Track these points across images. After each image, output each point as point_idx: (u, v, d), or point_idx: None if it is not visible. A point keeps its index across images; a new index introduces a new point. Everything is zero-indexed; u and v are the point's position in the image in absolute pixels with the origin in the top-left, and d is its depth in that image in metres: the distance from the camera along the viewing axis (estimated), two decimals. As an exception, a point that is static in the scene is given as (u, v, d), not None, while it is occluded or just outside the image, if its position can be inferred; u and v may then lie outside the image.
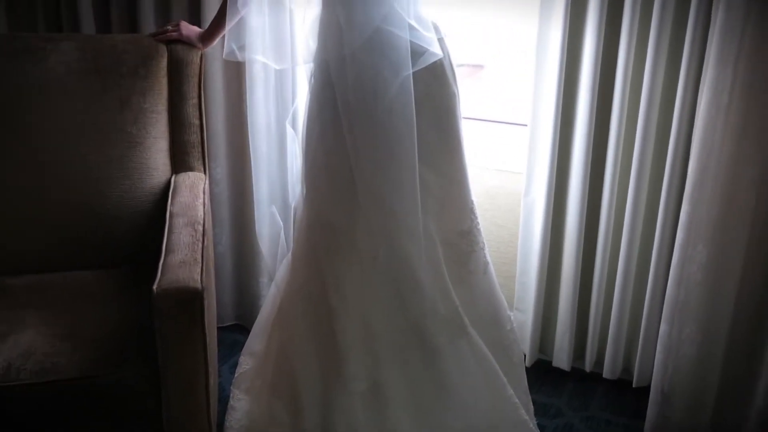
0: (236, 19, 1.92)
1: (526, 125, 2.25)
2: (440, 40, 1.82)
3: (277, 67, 1.99)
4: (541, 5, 2.11)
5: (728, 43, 1.82)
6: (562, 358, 2.38)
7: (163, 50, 2.16)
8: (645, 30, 1.99)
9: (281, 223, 2.08)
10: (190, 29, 2.18)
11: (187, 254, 1.76)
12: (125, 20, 2.44)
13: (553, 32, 2.10)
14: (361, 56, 1.74)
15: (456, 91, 1.89)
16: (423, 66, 1.75)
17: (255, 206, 2.14)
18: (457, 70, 1.89)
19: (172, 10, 2.37)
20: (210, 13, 2.24)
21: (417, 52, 1.74)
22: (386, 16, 1.72)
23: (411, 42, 1.73)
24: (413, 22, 1.74)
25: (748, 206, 1.95)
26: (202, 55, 2.20)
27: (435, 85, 1.83)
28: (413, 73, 1.75)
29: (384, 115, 1.76)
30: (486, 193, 2.46)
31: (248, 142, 2.14)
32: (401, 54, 1.73)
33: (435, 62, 1.80)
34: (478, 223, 2.00)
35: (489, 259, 2.05)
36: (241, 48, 1.93)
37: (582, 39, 2.09)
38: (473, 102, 2.74)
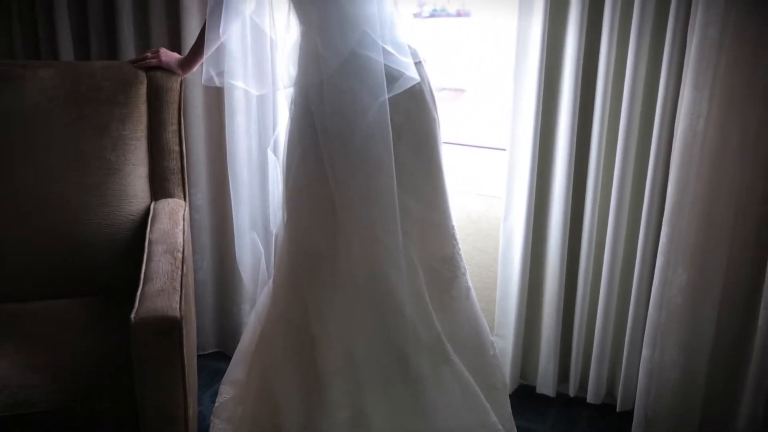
0: (216, 45, 1.92)
1: (505, 150, 2.26)
2: (418, 65, 1.83)
3: (257, 93, 1.99)
4: (517, 33, 2.13)
5: (703, 69, 1.85)
6: (546, 383, 2.37)
7: (143, 77, 2.15)
8: (623, 57, 2.01)
9: (262, 249, 2.06)
10: (169, 56, 2.18)
11: (165, 282, 1.74)
12: (104, 47, 2.43)
13: (530, 58, 2.12)
14: (338, 81, 1.75)
15: (436, 116, 1.90)
16: (399, 91, 1.75)
17: (235, 233, 2.13)
18: (437, 95, 1.90)
19: (152, 37, 2.36)
20: (190, 39, 2.24)
21: (393, 76, 1.74)
22: (360, 40, 1.72)
23: (387, 66, 1.73)
24: (388, 47, 1.74)
25: (727, 229, 1.96)
26: (182, 81, 2.20)
27: (415, 110, 1.84)
28: (393, 98, 1.76)
29: (362, 141, 1.76)
30: (467, 218, 2.47)
31: (227, 168, 2.14)
32: (377, 78, 1.73)
33: (415, 88, 1.81)
34: (459, 248, 2.00)
35: (471, 284, 2.04)
36: (220, 74, 1.93)
37: (561, 64, 2.10)
38: (454, 126, 2.75)
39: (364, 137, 1.75)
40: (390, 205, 1.79)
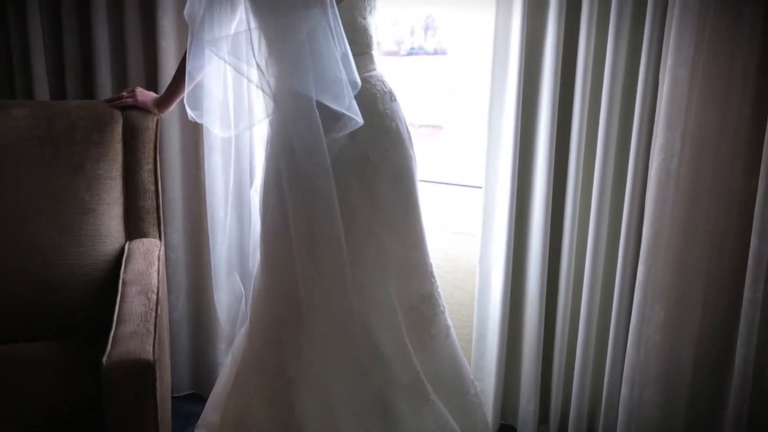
0: (192, 85, 1.92)
1: (481, 187, 2.26)
2: (394, 103, 1.84)
3: (231, 134, 1.97)
4: (493, 71, 2.15)
5: (675, 110, 1.89)
6: (527, 423, 2.34)
7: (118, 116, 2.14)
8: (597, 97, 2.04)
9: (243, 290, 2.04)
10: (145, 95, 2.17)
11: (139, 324, 1.71)
12: (80, 87, 2.42)
13: (507, 96, 2.14)
14: (300, 120, 1.74)
15: (412, 153, 1.90)
16: (341, 133, 1.72)
17: (212, 273, 2.11)
18: (414, 132, 1.91)
19: (129, 76, 2.36)
20: (167, 79, 2.24)
21: (337, 116, 1.71)
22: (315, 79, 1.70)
23: (329, 108, 1.70)
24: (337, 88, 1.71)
25: (703, 267, 1.98)
26: (158, 120, 2.19)
27: (391, 148, 1.84)
28: (370, 136, 1.76)
29: (323, 180, 1.75)
30: (446, 256, 2.46)
31: (206, 207, 2.13)
32: (326, 120, 1.71)
33: (391, 125, 1.81)
34: (438, 286, 2.00)
35: (450, 322, 2.03)
36: (199, 114, 1.93)
37: (537, 102, 2.12)
38: (432, 164, 2.76)
39: (328, 176, 1.74)
40: (336, 250, 1.76)
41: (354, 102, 1.70)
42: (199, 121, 1.93)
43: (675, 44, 1.85)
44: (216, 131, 1.96)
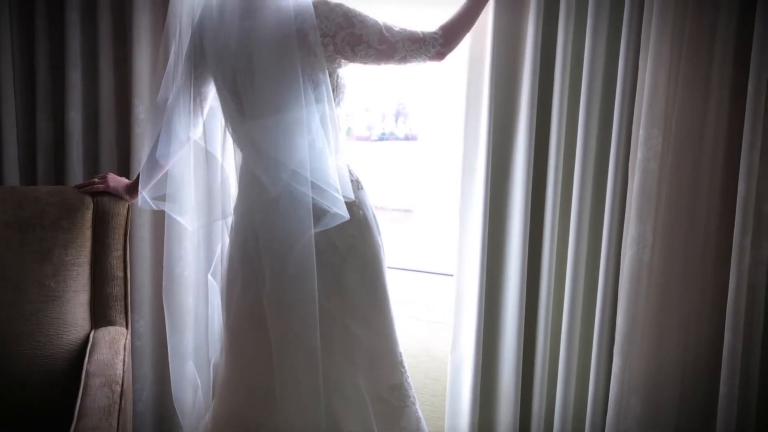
0: (159, 174, 1.92)
1: (452, 275, 2.25)
2: (360, 191, 1.85)
3: (201, 225, 1.96)
4: (464, 155, 2.18)
5: (646, 202, 1.92)
6: None
7: (89, 202, 2.12)
8: (569, 188, 2.07)
9: (199, 381, 1.99)
10: (117, 181, 2.16)
11: (101, 419, 1.65)
12: (51, 172, 2.40)
13: (476, 182, 2.15)
14: (273, 208, 1.74)
15: (380, 241, 1.90)
16: (328, 227, 1.73)
17: (170, 364, 2.05)
18: (385, 216, 1.91)
19: (101, 162, 2.35)
20: (139, 164, 2.23)
21: (323, 211, 1.73)
22: (290, 177, 1.72)
23: (316, 201, 1.72)
24: (319, 183, 1.72)
25: (679, 356, 1.98)
26: (129, 206, 2.17)
27: (359, 236, 1.84)
28: (339, 225, 1.76)
29: (293, 270, 1.73)
30: (419, 345, 2.43)
31: (166, 294, 2.10)
32: (305, 213, 1.72)
33: (359, 213, 1.82)
34: (408, 376, 1.96)
35: (421, 414, 1.99)
36: (158, 198, 1.92)
37: (507, 187, 2.14)
38: (403, 250, 2.76)
39: (295, 267, 1.73)
40: (310, 347, 1.74)
41: (341, 196, 1.72)
42: (154, 207, 1.92)
43: (645, 138, 1.90)
44: (185, 222, 1.94)
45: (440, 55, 1.84)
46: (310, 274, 1.72)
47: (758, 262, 1.88)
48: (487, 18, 2.04)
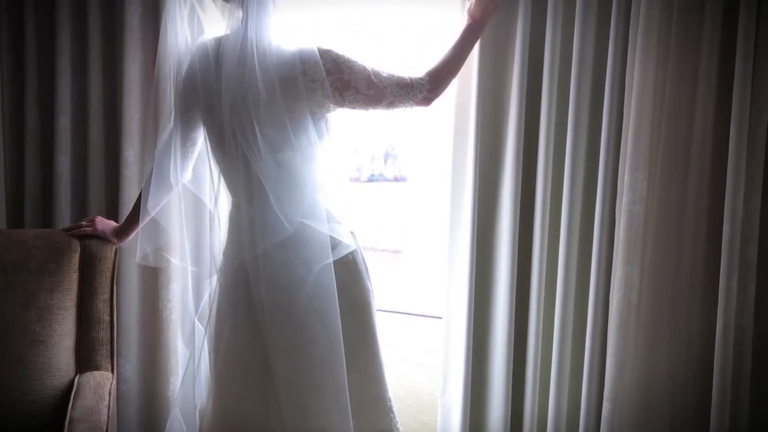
0: (147, 220, 1.92)
1: (441, 318, 2.25)
2: (352, 234, 1.85)
3: (195, 268, 1.96)
4: (451, 197, 2.19)
5: (632, 247, 1.94)
6: None
7: (76, 245, 2.11)
8: (556, 232, 2.08)
9: (184, 428, 1.96)
10: (105, 224, 2.16)
11: (84, 469, 1.62)
12: (39, 216, 2.40)
13: (463, 223, 2.16)
14: (273, 254, 1.75)
15: (369, 285, 1.89)
16: (336, 258, 1.75)
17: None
18: (374, 257, 1.91)
19: (89, 206, 2.35)
20: (128, 208, 2.23)
21: (330, 244, 1.75)
22: (307, 211, 1.74)
23: (322, 235, 1.74)
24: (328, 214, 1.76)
25: (668, 401, 1.97)
26: (117, 249, 2.16)
27: (349, 280, 1.83)
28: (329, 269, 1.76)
29: (300, 312, 1.73)
30: (408, 389, 2.41)
31: (162, 339, 2.08)
32: (315, 249, 1.74)
33: (348, 257, 1.81)
34: (397, 422, 1.94)
35: (411, 460, 1.97)
36: (156, 251, 1.92)
37: (495, 229, 2.15)
38: (392, 291, 2.75)
39: (302, 308, 1.73)
40: (328, 378, 1.74)
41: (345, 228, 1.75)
42: (153, 262, 1.94)
43: (630, 183, 1.92)
44: (176, 260, 1.94)
45: (427, 100, 1.86)
46: (331, 301, 1.73)
47: (745, 305, 1.89)
48: (472, 63, 2.07)
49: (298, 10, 1.84)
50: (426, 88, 1.84)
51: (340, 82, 1.74)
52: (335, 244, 1.77)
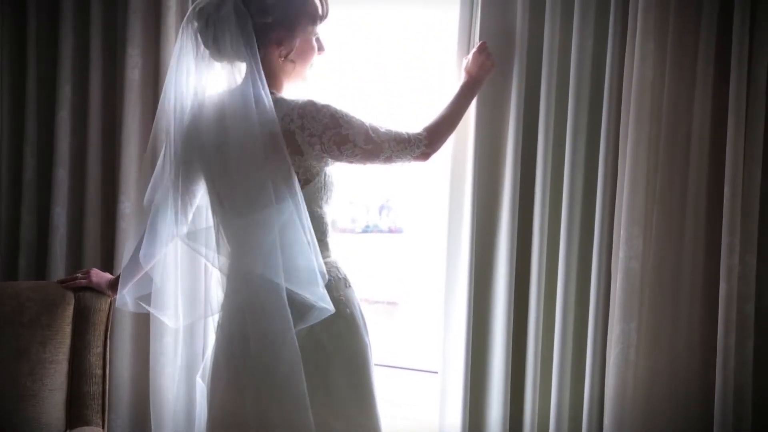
0: (139, 275, 1.91)
1: (437, 372, 2.22)
2: (348, 289, 1.83)
3: (184, 323, 1.94)
4: (448, 248, 2.19)
5: (628, 302, 1.93)
6: None
7: (70, 297, 2.10)
8: (552, 287, 2.08)
9: None
10: (100, 276, 2.15)
11: None
12: (33, 268, 2.39)
13: (460, 276, 2.16)
14: (260, 305, 1.73)
15: (368, 341, 1.87)
16: (313, 322, 1.72)
17: None
18: (369, 309, 1.89)
19: (84, 258, 2.34)
20: (124, 260, 2.21)
21: (307, 306, 1.72)
22: (268, 268, 1.72)
23: (300, 296, 1.71)
24: (302, 278, 1.72)
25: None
26: (111, 302, 2.15)
27: (346, 335, 1.81)
28: (324, 322, 1.74)
29: (285, 368, 1.71)
30: (404, 445, 2.37)
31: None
32: (285, 308, 1.71)
33: (346, 312, 1.80)
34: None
35: None
36: (144, 298, 1.90)
37: (491, 282, 2.14)
38: (388, 345, 2.73)
39: (283, 363, 1.71)
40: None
41: (325, 290, 1.71)
42: (132, 308, 1.92)
43: (626, 238, 1.93)
44: (166, 320, 1.92)
45: (425, 155, 1.87)
46: (297, 373, 1.70)
47: (743, 363, 1.88)
48: (469, 114, 2.09)
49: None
50: (424, 143, 1.85)
51: (338, 136, 1.75)
52: (311, 306, 1.72)
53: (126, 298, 1.91)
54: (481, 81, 2.02)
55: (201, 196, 1.91)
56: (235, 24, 1.73)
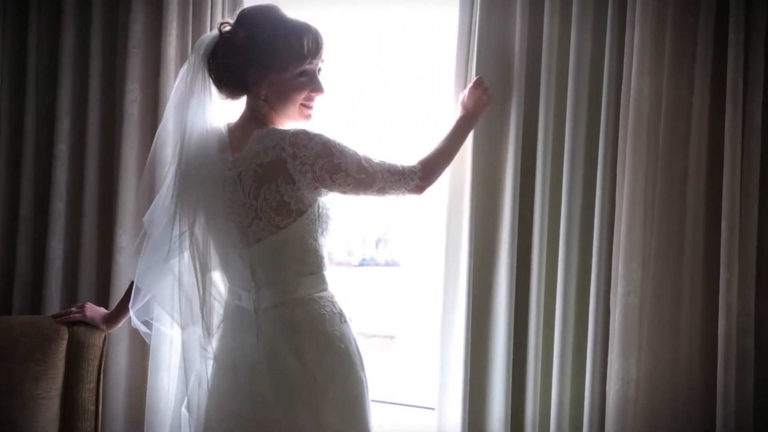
0: (141, 304, 1.90)
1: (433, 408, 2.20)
2: (344, 324, 1.81)
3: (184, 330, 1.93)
4: (445, 282, 2.18)
5: (628, 337, 1.92)
6: None
7: (64, 332, 2.08)
8: (551, 319, 2.07)
9: None
10: (95, 310, 2.13)
11: None
12: (27, 302, 2.37)
13: (458, 309, 2.14)
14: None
15: (364, 377, 1.83)
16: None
17: None
18: (365, 342, 1.88)
19: (79, 292, 2.33)
20: (119, 294, 2.20)
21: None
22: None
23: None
24: None
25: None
26: (105, 336, 2.13)
27: (340, 371, 1.78)
28: (317, 356, 1.73)
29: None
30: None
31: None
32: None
33: (340, 346, 1.77)
34: None
35: None
36: (146, 323, 1.91)
37: (489, 316, 2.12)
38: (385, 380, 2.70)
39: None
40: None
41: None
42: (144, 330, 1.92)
43: (625, 273, 1.93)
44: (168, 329, 1.92)
45: (419, 189, 1.86)
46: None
47: (744, 399, 1.86)
48: (466, 146, 2.09)
49: (298, 10, 1.84)
50: (418, 176, 1.84)
51: (330, 165, 1.74)
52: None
53: (137, 321, 1.92)
54: (478, 116, 2.03)
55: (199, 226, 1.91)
56: (201, 63, 1.77)
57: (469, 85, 2.07)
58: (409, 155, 1.91)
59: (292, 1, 1.92)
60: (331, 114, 2.07)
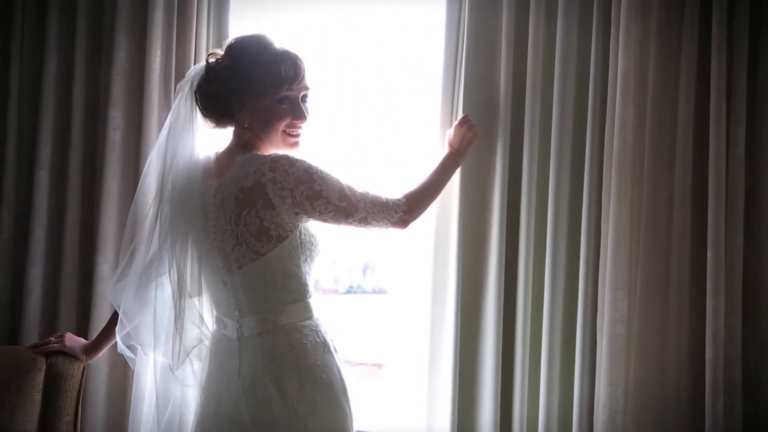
0: (124, 333, 1.87)
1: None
2: (329, 355, 1.78)
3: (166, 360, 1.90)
4: (432, 310, 2.17)
5: (615, 366, 1.91)
6: None
7: (42, 363, 2.04)
8: (537, 349, 2.05)
9: None
10: (74, 340, 2.09)
11: None
12: (5, 332, 2.33)
13: (445, 336, 2.13)
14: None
15: (347, 409, 1.79)
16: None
17: None
18: (352, 370, 1.85)
19: (58, 322, 2.29)
20: (100, 324, 2.16)
21: None
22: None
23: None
24: None
25: None
26: (84, 367, 2.09)
27: (321, 402, 1.73)
28: (300, 388, 1.70)
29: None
30: None
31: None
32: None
33: (322, 377, 1.74)
34: None
35: None
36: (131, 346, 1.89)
37: (477, 341, 2.11)
38: (373, 409, 2.67)
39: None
40: None
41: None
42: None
43: (611, 301, 1.92)
44: (149, 351, 1.89)
45: (403, 222, 1.84)
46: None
47: (733, 424, 1.85)
48: (453, 179, 2.08)
49: (298, 10, 1.82)
50: (402, 209, 1.82)
51: (311, 191, 1.72)
52: None
53: (123, 346, 1.90)
54: (464, 153, 2.04)
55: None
56: (189, 93, 1.80)
57: (455, 123, 2.07)
58: (406, 160, 1.88)
59: (291, 1, 1.91)
60: (330, 114, 2.06)
